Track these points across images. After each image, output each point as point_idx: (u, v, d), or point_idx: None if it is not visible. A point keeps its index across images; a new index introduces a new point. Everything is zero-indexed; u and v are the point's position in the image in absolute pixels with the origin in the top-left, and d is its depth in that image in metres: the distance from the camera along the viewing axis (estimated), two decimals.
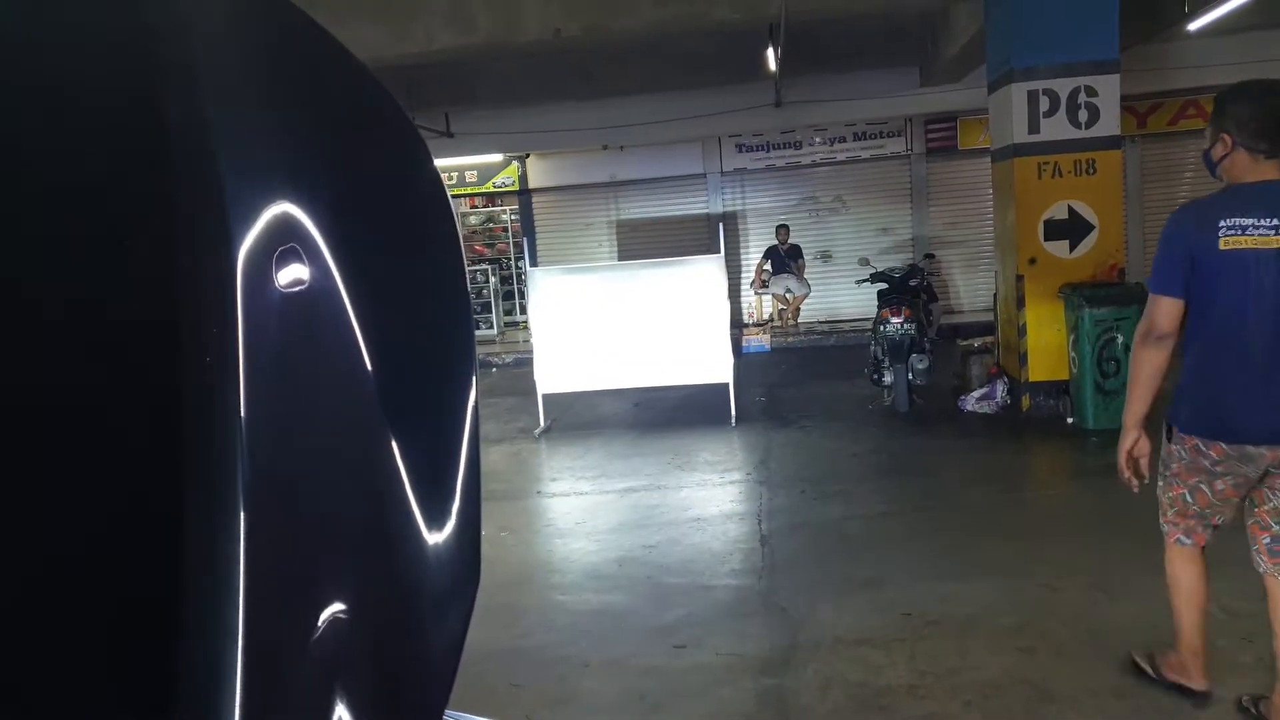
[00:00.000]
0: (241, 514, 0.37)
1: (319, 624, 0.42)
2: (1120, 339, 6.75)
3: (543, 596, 4.62)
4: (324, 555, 0.44)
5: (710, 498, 6.05)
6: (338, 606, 0.43)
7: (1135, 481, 3.01)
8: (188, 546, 0.35)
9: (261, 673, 0.37)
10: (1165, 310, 2.82)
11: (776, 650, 3.81)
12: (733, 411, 7.94)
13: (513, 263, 15.17)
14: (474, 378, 0.54)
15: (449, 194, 0.57)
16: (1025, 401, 7.48)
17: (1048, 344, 7.30)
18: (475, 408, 0.52)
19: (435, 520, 0.48)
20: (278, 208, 0.43)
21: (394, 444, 0.48)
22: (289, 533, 0.42)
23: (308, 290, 0.45)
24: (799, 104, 12.45)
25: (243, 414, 0.38)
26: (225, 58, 0.42)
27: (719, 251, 7.98)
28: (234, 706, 0.35)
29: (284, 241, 0.44)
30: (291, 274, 0.44)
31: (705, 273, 7.87)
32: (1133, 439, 2.96)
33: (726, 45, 10.93)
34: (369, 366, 0.48)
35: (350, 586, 0.44)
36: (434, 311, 0.54)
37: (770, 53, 9.52)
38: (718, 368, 7.90)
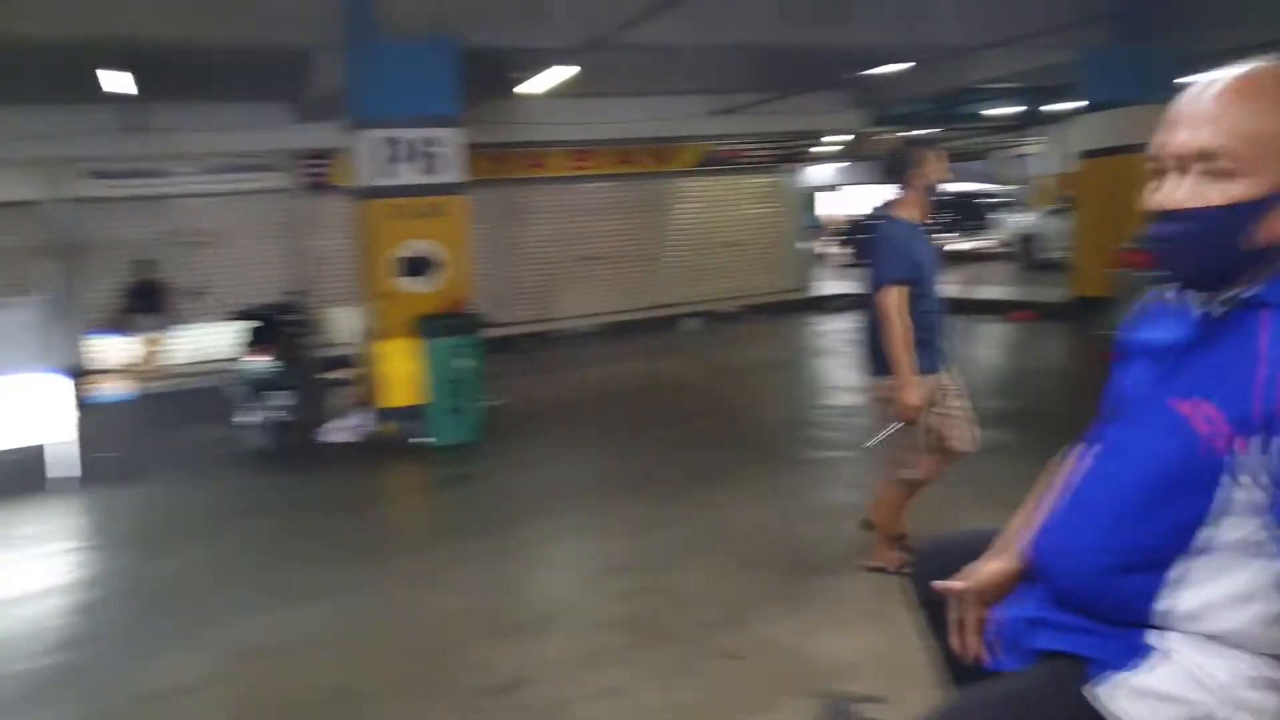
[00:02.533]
0: None
1: None
2: (468, 363, 7.50)
3: None
4: None
5: (25, 575, 5.26)
6: None
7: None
8: None
9: None
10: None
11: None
12: (78, 472, 7.05)
13: None
14: None
15: None
16: (387, 427, 7.91)
17: (403, 372, 7.81)
18: None
19: None
20: None
21: None
22: None
23: None
24: (163, 131, 11.63)
25: None
26: None
27: (49, 291, 7.07)
28: None
29: None
30: None
31: (15, 322, 6.88)
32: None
33: (59, 62, 9.69)
34: None
35: None
36: None
37: (112, 74, 8.73)
38: (51, 425, 6.98)
